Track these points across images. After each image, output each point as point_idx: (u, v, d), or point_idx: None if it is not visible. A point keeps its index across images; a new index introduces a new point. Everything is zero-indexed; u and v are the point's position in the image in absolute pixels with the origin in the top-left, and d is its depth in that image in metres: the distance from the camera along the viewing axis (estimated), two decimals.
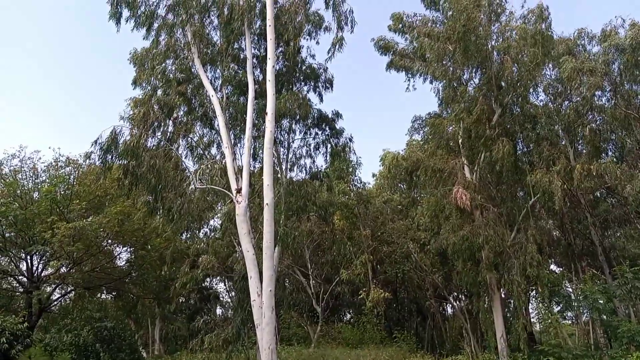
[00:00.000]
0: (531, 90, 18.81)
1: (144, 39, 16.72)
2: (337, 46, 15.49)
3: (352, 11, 15.51)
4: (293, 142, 18.52)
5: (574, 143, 20.27)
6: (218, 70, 17.13)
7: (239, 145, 16.57)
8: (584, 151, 19.85)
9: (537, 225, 18.15)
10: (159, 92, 17.67)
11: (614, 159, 18.03)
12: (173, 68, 17.29)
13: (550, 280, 16.58)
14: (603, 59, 17.27)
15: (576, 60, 16.62)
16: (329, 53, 15.78)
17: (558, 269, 24.58)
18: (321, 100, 18.41)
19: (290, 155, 18.28)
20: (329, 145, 18.39)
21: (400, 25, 20.62)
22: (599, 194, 21.94)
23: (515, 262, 15.78)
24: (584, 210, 20.25)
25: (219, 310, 33.82)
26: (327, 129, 18.45)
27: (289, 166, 18.18)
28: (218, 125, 15.80)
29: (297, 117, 17.45)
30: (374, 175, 30.88)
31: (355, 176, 26.36)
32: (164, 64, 17.09)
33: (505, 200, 18.33)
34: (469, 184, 16.96)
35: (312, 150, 18.43)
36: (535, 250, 15.78)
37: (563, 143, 19.70)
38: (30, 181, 22.72)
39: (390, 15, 20.86)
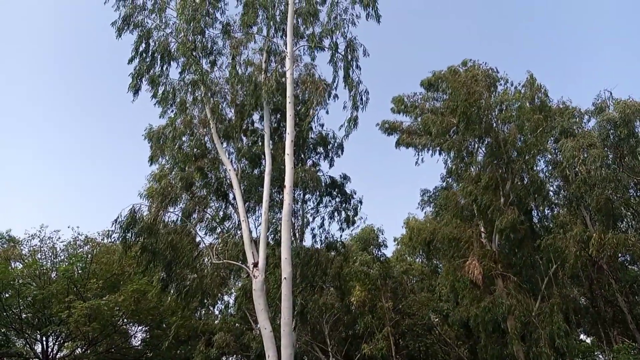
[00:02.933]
0: (539, 157, 18.96)
1: (160, 117, 17.23)
2: (352, 125, 15.70)
3: (368, 92, 15.84)
4: (307, 212, 18.70)
5: (588, 209, 19.98)
6: (231, 145, 17.60)
7: (252, 217, 16.73)
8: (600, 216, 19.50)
9: (562, 293, 17.57)
10: (175, 167, 18.09)
11: (631, 226, 17.75)
12: (189, 144, 17.76)
13: (580, 351, 15.82)
14: (600, 133, 17.48)
15: (574, 140, 16.73)
16: (340, 128, 15.84)
17: (588, 338, 23.50)
18: (331, 165, 18.98)
19: (303, 226, 18.39)
20: (343, 213, 18.71)
21: (403, 106, 22.11)
22: (622, 260, 21.32)
23: (542, 333, 15.15)
24: (608, 277, 19.65)
25: None
26: (338, 195, 18.83)
27: (303, 236, 18.21)
28: (233, 198, 15.96)
29: (309, 187, 17.75)
30: (395, 239, 30.44)
31: (380, 251, 26.10)
32: (179, 140, 17.57)
33: (526, 267, 17.91)
34: (486, 253, 16.70)
35: (326, 219, 18.79)
36: (562, 319, 15.20)
37: (578, 208, 19.46)
38: (49, 261, 22.90)
39: (391, 98, 22.48)
